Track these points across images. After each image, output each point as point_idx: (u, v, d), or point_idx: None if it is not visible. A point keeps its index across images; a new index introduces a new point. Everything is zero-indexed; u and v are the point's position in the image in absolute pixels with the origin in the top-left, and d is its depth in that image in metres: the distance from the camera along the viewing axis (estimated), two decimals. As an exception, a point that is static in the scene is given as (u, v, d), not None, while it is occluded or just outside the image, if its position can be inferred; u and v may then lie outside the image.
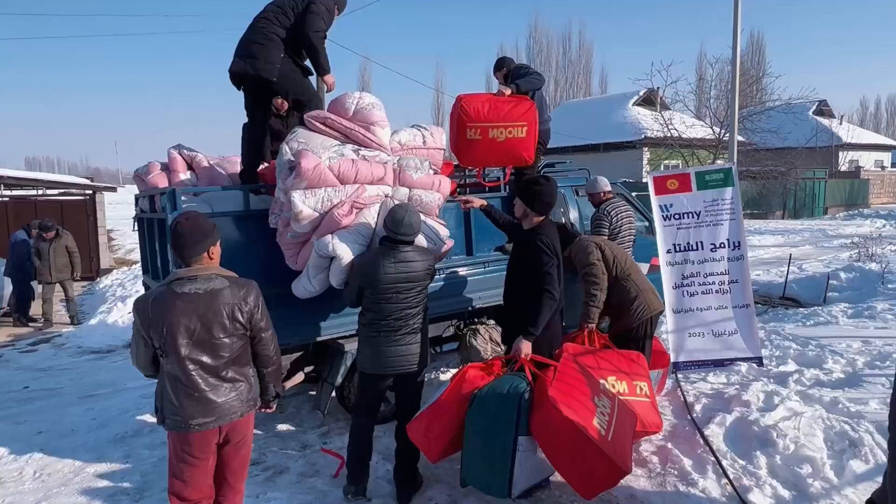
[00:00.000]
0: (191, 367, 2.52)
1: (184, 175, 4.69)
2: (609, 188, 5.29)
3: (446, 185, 4.12)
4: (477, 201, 4.25)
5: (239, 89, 4.44)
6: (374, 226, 3.74)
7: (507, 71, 5.09)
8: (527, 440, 3.25)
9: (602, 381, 3.68)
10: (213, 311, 2.51)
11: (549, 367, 3.51)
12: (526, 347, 3.51)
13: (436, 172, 4.17)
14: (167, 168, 4.76)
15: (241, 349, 2.63)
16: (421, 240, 3.75)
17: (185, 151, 4.79)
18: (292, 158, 3.62)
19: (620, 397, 3.68)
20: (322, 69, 4.38)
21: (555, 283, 3.52)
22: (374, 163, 3.81)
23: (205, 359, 2.53)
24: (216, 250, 2.67)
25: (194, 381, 2.53)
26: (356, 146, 3.85)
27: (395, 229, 3.45)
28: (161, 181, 4.66)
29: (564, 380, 3.39)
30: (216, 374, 2.56)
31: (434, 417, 3.45)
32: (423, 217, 3.86)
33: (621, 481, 3.64)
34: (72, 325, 8.97)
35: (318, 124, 3.85)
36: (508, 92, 4.48)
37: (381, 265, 3.42)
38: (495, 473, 3.24)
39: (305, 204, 3.54)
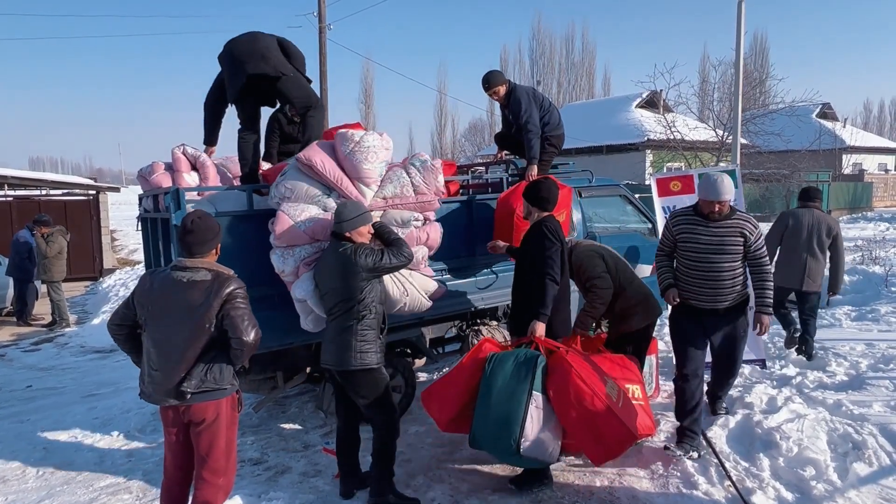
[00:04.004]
0: (156, 344, 2.77)
1: (187, 175, 4.70)
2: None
3: (435, 235, 4.11)
4: (502, 244, 4.35)
5: (242, 99, 4.53)
6: None
7: (507, 89, 4.92)
8: (541, 397, 3.43)
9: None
10: (186, 299, 2.71)
11: (558, 348, 3.67)
12: (539, 328, 3.68)
13: (426, 220, 4.10)
14: (171, 168, 4.77)
15: (203, 338, 2.73)
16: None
17: (189, 151, 4.80)
18: (277, 203, 3.74)
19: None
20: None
21: (556, 267, 3.70)
22: None
23: (169, 339, 2.74)
24: (219, 246, 2.95)
25: (157, 359, 2.77)
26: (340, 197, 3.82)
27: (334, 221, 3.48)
28: (165, 181, 4.67)
29: (579, 353, 3.63)
30: (176, 357, 2.73)
31: (448, 381, 3.69)
32: (407, 273, 3.89)
33: (623, 482, 3.67)
34: (45, 326, 8.89)
35: (305, 167, 3.78)
36: (535, 172, 4.79)
37: (320, 261, 3.55)
38: (507, 427, 3.37)
39: (286, 263, 3.70)
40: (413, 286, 3.88)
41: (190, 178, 4.70)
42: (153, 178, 4.74)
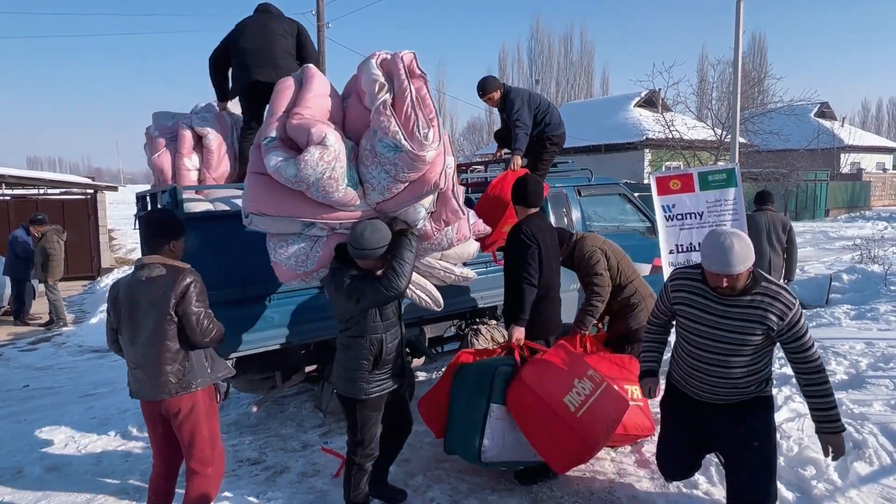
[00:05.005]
0: (130, 344, 2.85)
1: (188, 159, 4.40)
2: None
3: (451, 214, 3.35)
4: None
5: (248, 98, 4.48)
6: None
7: (502, 93, 4.93)
8: (499, 408, 3.47)
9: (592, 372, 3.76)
10: (148, 295, 2.80)
11: (539, 351, 3.70)
12: (517, 332, 3.70)
13: (436, 189, 3.13)
14: (174, 143, 4.48)
15: (169, 333, 2.80)
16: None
17: (196, 128, 4.48)
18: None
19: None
20: None
21: (532, 271, 3.71)
22: None
23: (140, 338, 2.81)
24: (179, 244, 2.96)
25: (135, 358, 2.86)
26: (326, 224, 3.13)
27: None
28: (165, 163, 4.43)
29: (547, 361, 3.60)
30: (148, 353, 2.81)
31: (434, 393, 3.79)
32: (436, 261, 3.66)
33: (623, 482, 3.65)
34: (42, 325, 8.86)
35: (256, 213, 3.06)
36: (520, 161, 4.74)
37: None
38: (468, 437, 3.47)
39: (311, 283, 3.57)
40: (450, 271, 3.75)
41: (190, 163, 4.45)
42: (154, 158, 4.50)
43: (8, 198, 12.84)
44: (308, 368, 4.47)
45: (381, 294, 2.90)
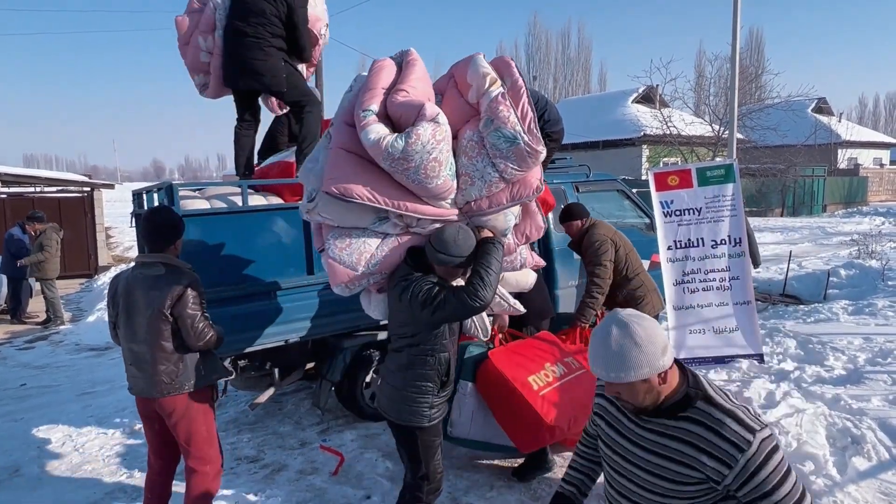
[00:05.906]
0: (126, 340, 2.87)
1: (202, 39, 4.28)
2: None
3: (535, 230, 3.11)
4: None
5: (235, 95, 4.45)
6: None
7: None
8: (468, 385, 3.52)
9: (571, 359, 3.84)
10: (145, 294, 2.78)
11: (520, 339, 3.83)
12: (500, 319, 3.80)
13: (538, 190, 2.80)
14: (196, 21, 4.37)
15: (165, 333, 2.78)
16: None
17: (217, 18, 4.26)
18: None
19: None
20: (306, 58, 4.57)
21: None
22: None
23: (135, 335, 2.82)
24: (180, 243, 2.96)
25: (128, 353, 2.88)
26: (400, 218, 2.76)
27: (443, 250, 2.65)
28: (185, 25, 4.34)
29: (522, 345, 3.72)
30: (143, 351, 2.81)
31: None
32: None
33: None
34: (39, 324, 8.83)
35: (337, 194, 2.61)
36: None
37: (390, 279, 2.82)
38: None
39: (351, 292, 2.95)
40: (505, 298, 3.27)
41: (204, 42, 4.33)
42: (180, 16, 4.42)
43: (4, 196, 12.79)
44: (306, 366, 4.46)
45: (464, 305, 2.51)
